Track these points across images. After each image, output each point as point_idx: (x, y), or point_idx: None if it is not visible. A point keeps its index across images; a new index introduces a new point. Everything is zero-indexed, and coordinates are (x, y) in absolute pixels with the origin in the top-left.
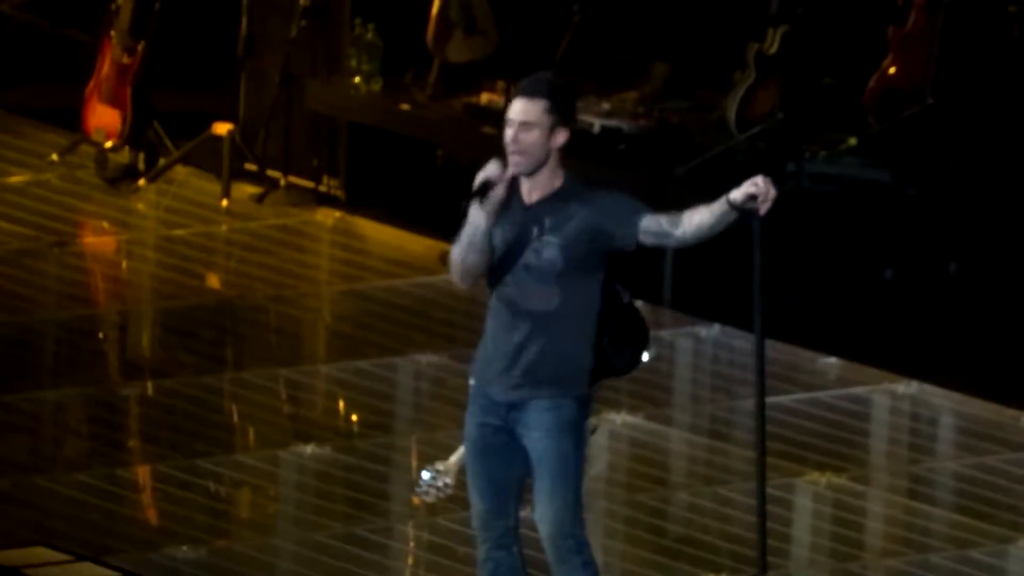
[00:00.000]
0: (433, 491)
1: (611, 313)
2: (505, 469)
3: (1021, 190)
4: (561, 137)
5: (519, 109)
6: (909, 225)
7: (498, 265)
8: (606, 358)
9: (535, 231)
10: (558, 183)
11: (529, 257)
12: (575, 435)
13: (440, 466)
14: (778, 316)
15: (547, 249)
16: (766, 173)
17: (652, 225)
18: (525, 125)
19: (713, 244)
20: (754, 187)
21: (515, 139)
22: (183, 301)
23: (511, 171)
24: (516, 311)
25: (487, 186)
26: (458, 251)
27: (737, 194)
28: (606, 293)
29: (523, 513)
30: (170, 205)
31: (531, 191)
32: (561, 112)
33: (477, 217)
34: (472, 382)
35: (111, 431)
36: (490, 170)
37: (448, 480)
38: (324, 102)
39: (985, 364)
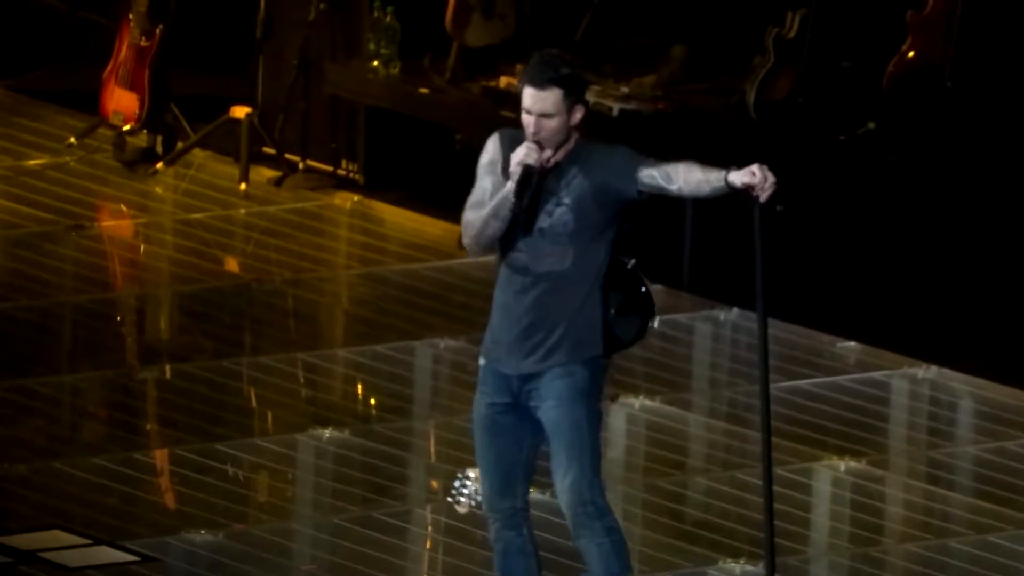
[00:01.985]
0: (464, 500)
1: (616, 281)
2: (514, 448)
3: None
4: (579, 113)
5: (534, 100)
6: (928, 209)
7: (512, 231)
8: (611, 331)
9: (546, 195)
10: (569, 147)
11: (542, 220)
12: (588, 403)
13: (472, 473)
14: (797, 300)
15: (559, 211)
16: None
17: (649, 177)
18: (544, 115)
19: (731, 228)
20: (751, 176)
21: (537, 130)
22: (201, 285)
23: (547, 154)
24: (528, 275)
25: (530, 173)
26: (477, 218)
27: (736, 179)
28: (611, 262)
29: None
30: (188, 189)
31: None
32: (574, 92)
33: (508, 191)
34: (482, 361)
35: (129, 415)
36: (529, 156)
37: (479, 487)
38: (342, 86)
39: (1005, 349)
